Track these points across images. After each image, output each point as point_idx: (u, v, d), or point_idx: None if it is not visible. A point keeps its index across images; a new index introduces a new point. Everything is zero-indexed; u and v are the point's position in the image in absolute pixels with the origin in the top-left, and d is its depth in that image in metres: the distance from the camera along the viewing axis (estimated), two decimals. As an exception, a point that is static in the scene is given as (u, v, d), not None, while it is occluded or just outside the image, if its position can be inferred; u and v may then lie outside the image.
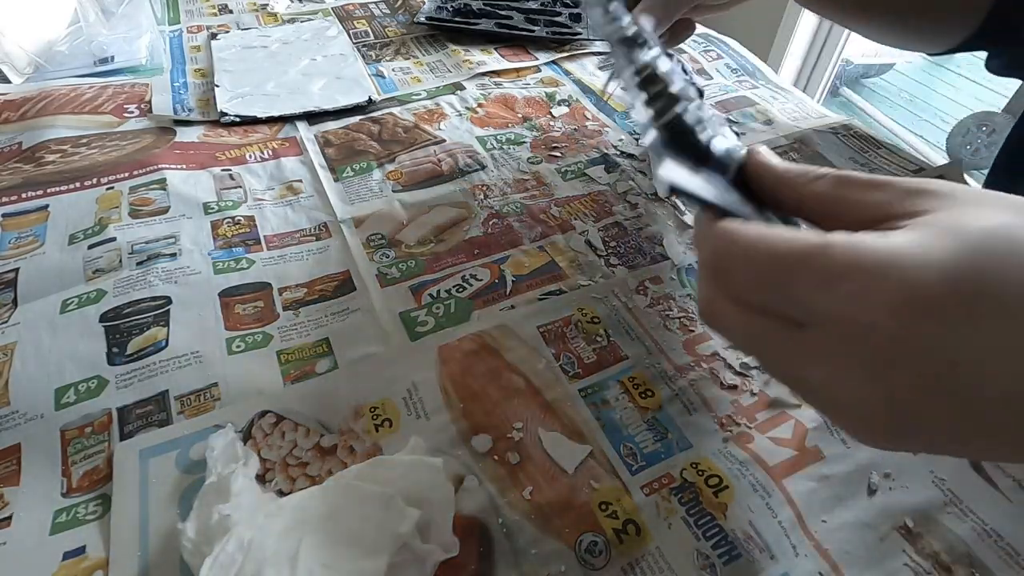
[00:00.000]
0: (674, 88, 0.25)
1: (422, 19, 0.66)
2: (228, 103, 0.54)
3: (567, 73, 0.60)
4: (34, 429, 0.31)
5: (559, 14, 0.66)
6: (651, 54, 0.27)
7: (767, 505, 0.27)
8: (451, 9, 0.67)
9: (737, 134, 0.50)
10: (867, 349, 0.19)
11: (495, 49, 0.63)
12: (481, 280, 0.38)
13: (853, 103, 2.03)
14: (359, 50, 0.63)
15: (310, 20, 0.68)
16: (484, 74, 0.59)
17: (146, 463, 0.29)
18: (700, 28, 0.65)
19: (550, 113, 0.54)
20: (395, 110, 0.54)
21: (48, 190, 0.45)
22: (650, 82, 0.25)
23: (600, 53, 0.63)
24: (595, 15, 0.33)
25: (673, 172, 0.20)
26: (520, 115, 0.54)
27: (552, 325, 0.35)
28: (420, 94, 0.56)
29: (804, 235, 0.19)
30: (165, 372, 0.33)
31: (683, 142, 0.23)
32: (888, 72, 2.18)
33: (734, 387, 0.32)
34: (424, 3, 0.69)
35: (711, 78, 0.60)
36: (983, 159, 1.73)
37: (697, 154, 0.23)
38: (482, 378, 0.33)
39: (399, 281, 0.39)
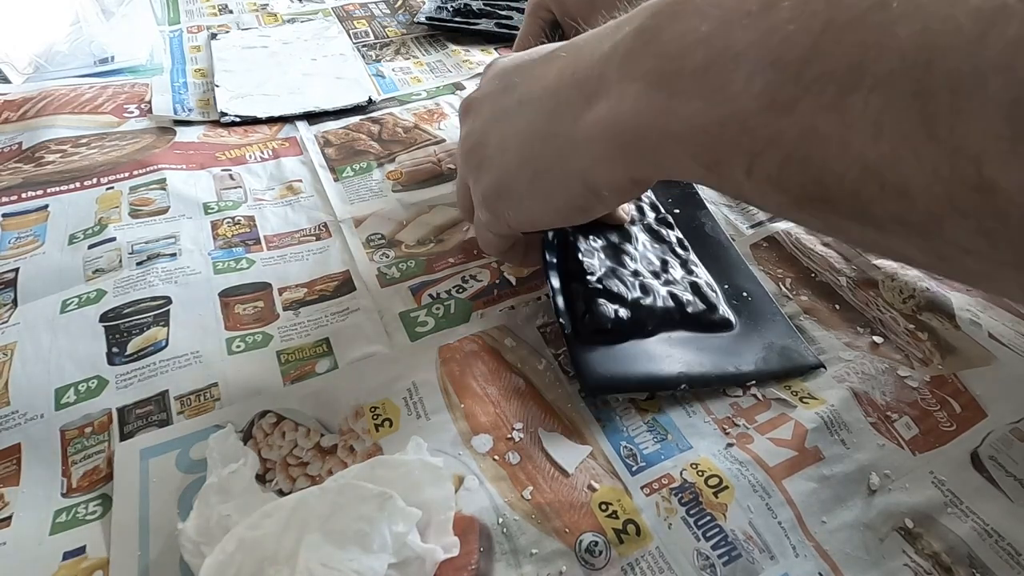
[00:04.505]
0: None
1: (422, 19, 0.66)
2: (228, 103, 0.54)
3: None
4: (34, 429, 0.31)
5: (559, 14, 0.66)
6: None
7: (767, 506, 0.27)
8: (451, 9, 0.67)
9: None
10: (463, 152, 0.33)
11: (495, 49, 0.63)
12: (481, 281, 0.38)
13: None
14: (359, 50, 0.63)
15: (310, 20, 0.68)
16: (484, 74, 0.59)
17: (146, 463, 0.29)
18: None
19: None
20: (395, 110, 0.54)
21: (48, 190, 0.45)
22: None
23: None
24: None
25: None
26: (520, 115, 0.54)
27: (552, 326, 0.35)
28: (420, 94, 0.57)
29: None
30: (165, 372, 0.33)
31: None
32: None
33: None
34: (424, 3, 0.69)
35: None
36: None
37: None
38: (482, 378, 0.33)
39: (399, 281, 0.39)
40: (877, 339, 0.34)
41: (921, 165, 0.16)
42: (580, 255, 0.34)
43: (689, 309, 0.34)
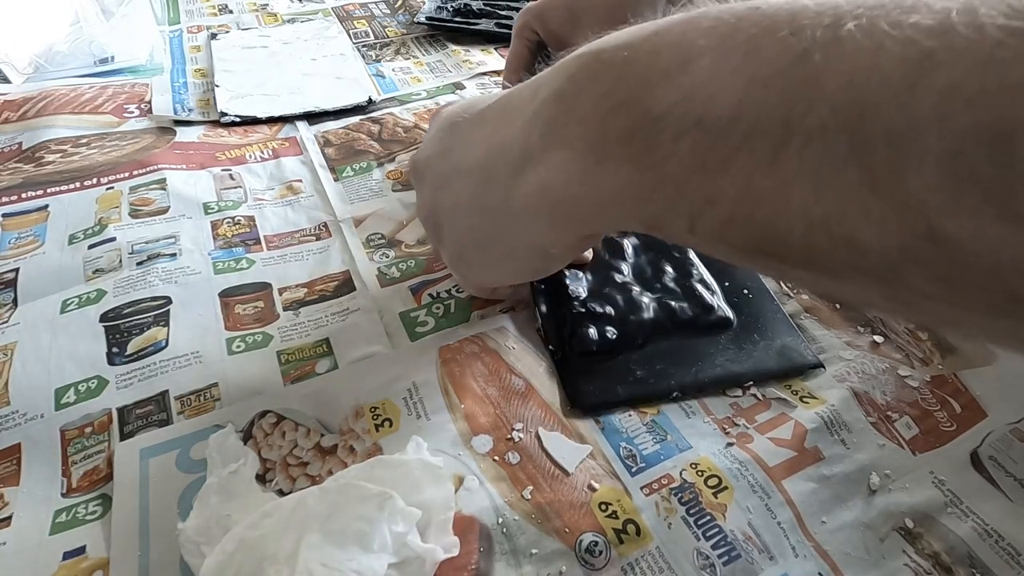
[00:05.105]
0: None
1: (422, 19, 0.66)
2: (228, 103, 0.54)
3: (567, 73, 0.60)
4: (34, 429, 0.31)
5: (559, 14, 0.66)
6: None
7: (767, 506, 0.27)
8: (451, 9, 0.67)
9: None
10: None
11: (495, 49, 0.63)
12: (481, 280, 0.38)
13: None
14: (359, 50, 0.63)
15: (310, 20, 0.68)
16: (484, 74, 0.59)
17: (146, 463, 0.29)
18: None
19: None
20: (395, 110, 0.54)
21: (48, 190, 0.45)
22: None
23: None
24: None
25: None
26: (520, 115, 0.54)
27: (552, 325, 0.35)
28: (420, 94, 0.57)
29: None
30: (165, 372, 0.33)
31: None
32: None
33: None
34: (424, 3, 0.69)
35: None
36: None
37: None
38: (483, 379, 0.33)
39: (399, 281, 0.39)
40: (878, 338, 0.34)
41: (869, 219, 0.16)
42: (565, 279, 0.35)
43: (680, 316, 0.34)
